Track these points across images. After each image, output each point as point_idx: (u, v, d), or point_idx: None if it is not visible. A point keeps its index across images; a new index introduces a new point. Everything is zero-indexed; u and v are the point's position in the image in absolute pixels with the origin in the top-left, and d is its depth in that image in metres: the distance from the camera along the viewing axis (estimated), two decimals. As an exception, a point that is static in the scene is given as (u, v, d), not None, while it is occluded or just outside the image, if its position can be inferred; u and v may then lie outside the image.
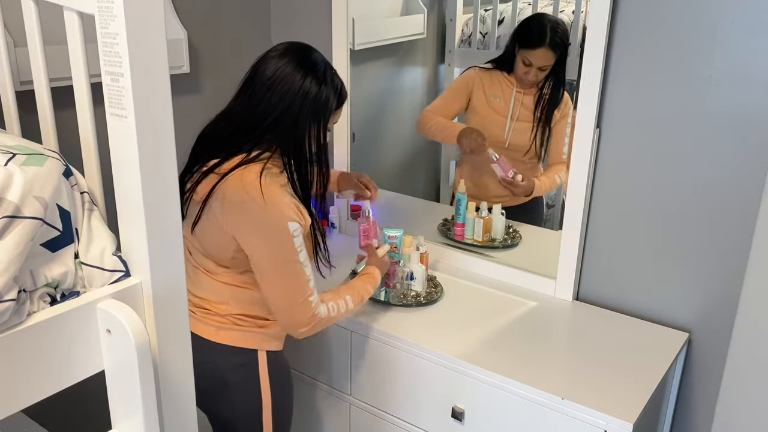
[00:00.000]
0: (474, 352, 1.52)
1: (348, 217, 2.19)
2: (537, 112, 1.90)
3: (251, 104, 1.34)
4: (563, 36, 1.81)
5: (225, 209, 1.32)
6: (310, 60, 1.36)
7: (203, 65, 2.03)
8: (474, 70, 2.00)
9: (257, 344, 1.44)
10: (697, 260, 1.61)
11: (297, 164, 1.37)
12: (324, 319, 1.40)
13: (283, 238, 1.31)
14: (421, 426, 1.62)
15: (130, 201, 0.82)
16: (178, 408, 0.93)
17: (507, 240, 1.98)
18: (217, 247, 1.38)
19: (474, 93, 1.98)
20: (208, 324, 1.43)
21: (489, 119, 1.97)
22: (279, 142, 1.35)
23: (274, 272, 1.34)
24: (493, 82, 1.95)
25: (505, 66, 1.93)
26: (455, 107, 2.03)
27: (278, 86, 1.32)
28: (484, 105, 1.97)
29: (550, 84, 1.87)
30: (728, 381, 1.23)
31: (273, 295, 1.36)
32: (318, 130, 1.38)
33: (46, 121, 0.99)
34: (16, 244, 0.74)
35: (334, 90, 1.38)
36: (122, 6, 0.72)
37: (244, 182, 1.31)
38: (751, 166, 1.48)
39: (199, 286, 1.44)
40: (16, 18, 1.00)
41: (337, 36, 2.01)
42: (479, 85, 1.97)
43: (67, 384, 0.82)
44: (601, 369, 1.48)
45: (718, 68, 1.47)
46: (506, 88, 1.93)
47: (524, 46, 1.86)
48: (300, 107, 1.33)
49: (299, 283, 1.35)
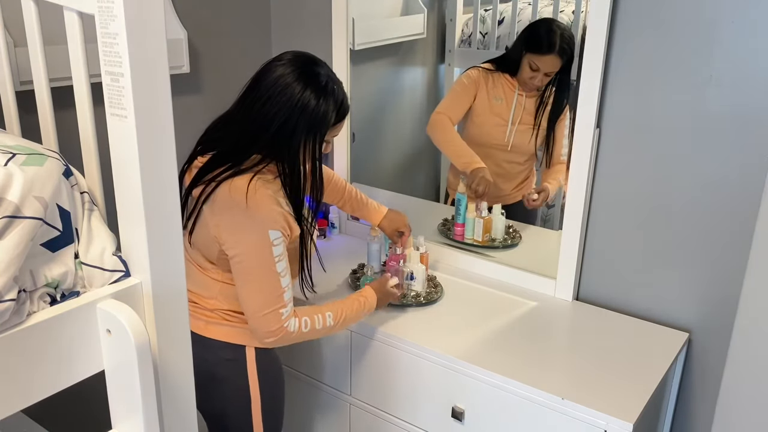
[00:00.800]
0: (474, 352, 1.52)
1: (348, 217, 2.19)
2: (539, 115, 1.90)
3: (251, 113, 1.34)
4: (570, 42, 1.81)
5: (214, 211, 1.34)
6: (312, 72, 1.35)
7: (203, 65, 2.03)
8: (477, 70, 1.99)
9: (245, 340, 1.46)
10: (697, 260, 1.61)
11: (290, 174, 1.37)
12: (293, 334, 1.39)
13: (262, 243, 1.31)
14: (421, 426, 1.62)
15: (130, 201, 0.82)
16: (178, 408, 0.93)
17: (507, 240, 1.98)
18: (205, 246, 1.41)
19: (478, 93, 1.98)
20: (197, 318, 1.45)
21: (491, 121, 1.97)
22: (274, 151, 1.35)
23: (248, 276, 1.34)
24: (496, 84, 1.95)
25: (507, 68, 1.93)
26: (464, 105, 2.01)
27: (277, 96, 1.32)
28: (486, 106, 1.97)
29: (552, 89, 1.87)
30: (728, 381, 1.23)
31: (245, 299, 1.37)
32: (313, 143, 1.37)
33: (46, 121, 0.99)
34: (16, 244, 0.74)
35: (334, 103, 1.37)
36: (122, 6, 0.72)
37: (232, 187, 1.32)
38: (751, 166, 1.48)
39: (191, 279, 1.45)
40: (16, 18, 1.00)
41: (337, 36, 2.01)
42: (483, 85, 1.97)
43: (67, 384, 0.82)
44: (601, 369, 1.48)
45: (718, 68, 1.47)
46: (508, 91, 1.93)
47: (533, 51, 1.85)
48: (297, 119, 1.32)
49: (272, 292, 1.34)
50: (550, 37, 1.83)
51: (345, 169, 2.14)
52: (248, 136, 1.35)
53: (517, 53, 1.89)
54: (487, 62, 1.98)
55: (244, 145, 1.35)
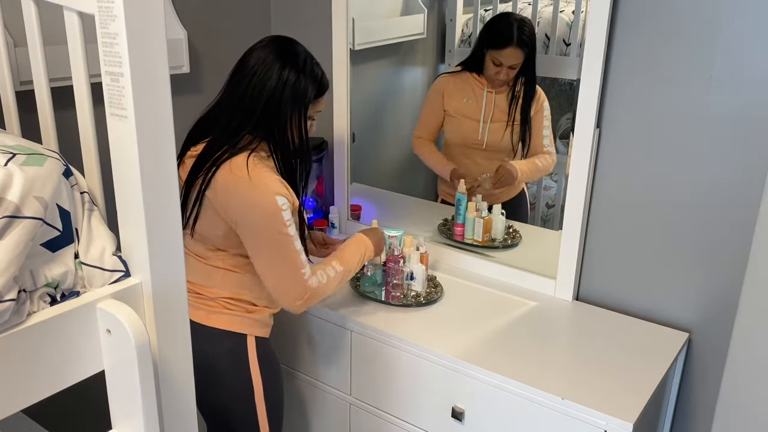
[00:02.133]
0: (474, 352, 1.52)
1: (348, 217, 2.19)
2: (512, 110, 1.91)
3: (237, 93, 1.41)
4: (530, 34, 1.82)
5: (218, 194, 1.38)
6: (291, 51, 1.43)
7: (203, 65, 2.03)
8: (442, 77, 2.03)
9: (246, 329, 1.49)
10: (697, 260, 1.61)
11: (282, 151, 1.44)
12: (317, 290, 1.44)
13: (272, 211, 1.36)
14: (421, 426, 1.62)
15: (130, 201, 0.82)
16: (178, 408, 0.93)
17: (507, 240, 1.98)
18: (210, 233, 1.43)
19: (445, 100, 2.00)
20: (199, 308, 1.47)
21: (463, 123, 1.98)
22: (263, 129, 1.41)
23: (266, 246, 1.39)
24: (464, 86, 1.96)
25: (473, 67, 1.94)
26: (435, 119, 2.05)
27: (260, 75, 1.39)
28: (457, 109, 1.99)
29: (522, 81, 1.88)
30: (728, 381, 1.23)
31: (266, 271, 1.41)
32: (299, 118, 1.43)
33: (46, 121, 0.99)
34: (16, 244, 0.74)
35: (313, 79, 1.44)
36: (122, 6, 0.72)
37: (233, 166, 1.38)
38: (751, 166, 1.48)
39: (191, 271, 1.47)
40: (16, 18, 1.00)
41: (337, 36, 2.01)
42: (449, 90, 1.99)
43: (67, 384, 0.82)
44: (601, 369, 1.48)
45: (718, 68, 1.47)
46: (477, 89, 1.94)
47: (493, 46, 1.87)
48: (281, 95, 1.39)
49: (291, 257, 1.40)
50: (507, 29, 1.84)
51: (345, 169, 2.14)
52: (238, 117, 1.41)
53: (480, 51, 1.91)
54: (458, 65, 1.99)
55: (235, 126, 1.41)
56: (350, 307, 1.72)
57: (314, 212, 2.23)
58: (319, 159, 2.20)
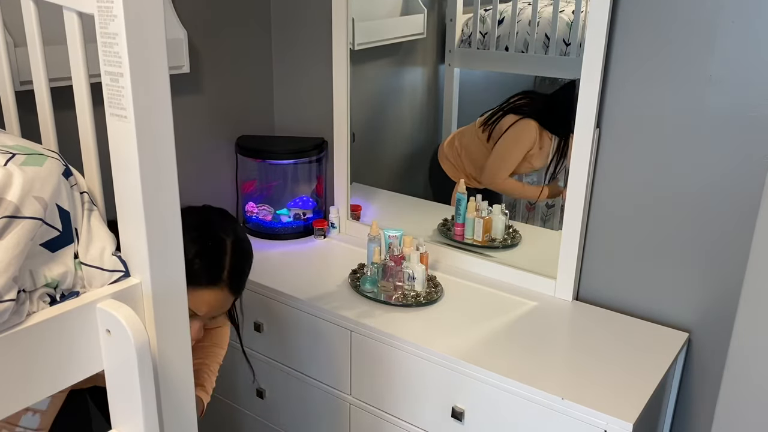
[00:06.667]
0: (474, 352, 1.52)
1: (348, 217, 2.19)
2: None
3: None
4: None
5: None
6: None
7: (203, 65, 2.03)
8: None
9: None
10: (697, 260, 1.61)
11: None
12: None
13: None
14: (421, 426, 1.62)
15: (130, 201, 0.82)
16: (178, 408, 0.93)
17: (507, 240, 1.98)
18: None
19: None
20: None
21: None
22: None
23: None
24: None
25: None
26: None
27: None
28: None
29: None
30: (728, 381, 1.23)
31: None
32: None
33: (45, 121, 0.99)
34: (16, 244, 0.74)
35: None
36: (122, 6, 0.72)
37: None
38: (751, 165, 1.48)
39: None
40: (16, 18, 1.00)
41: (337, 36, 2.01)
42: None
43: (67, 384, 0.82)
44: (601, 369, 1.48)
45: (718, 68, 1.47)
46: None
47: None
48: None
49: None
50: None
51: (345, 169, 2.14)
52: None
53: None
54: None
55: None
56: (350, 307, 1.72)
57: (314, 212, 2.23)
58: (319, 159, 2.20)
